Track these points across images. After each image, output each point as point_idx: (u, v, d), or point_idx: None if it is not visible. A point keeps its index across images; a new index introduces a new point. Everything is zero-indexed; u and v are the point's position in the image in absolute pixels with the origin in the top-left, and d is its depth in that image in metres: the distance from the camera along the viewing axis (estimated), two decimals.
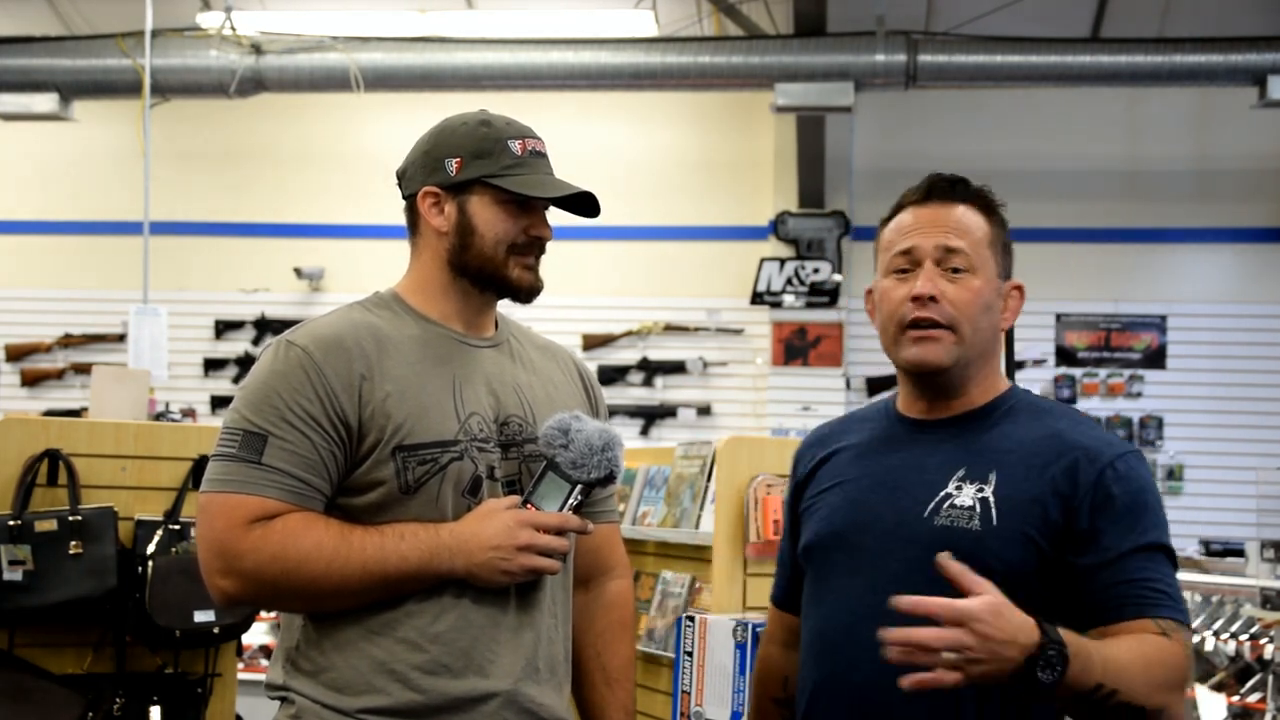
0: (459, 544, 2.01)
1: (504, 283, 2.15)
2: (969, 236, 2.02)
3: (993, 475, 1.94)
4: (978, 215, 2.06)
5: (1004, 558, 1.90)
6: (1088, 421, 2.04)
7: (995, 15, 8.00)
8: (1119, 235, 9.10)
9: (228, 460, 2.01)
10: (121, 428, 3.55)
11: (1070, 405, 2.17)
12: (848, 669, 1.97)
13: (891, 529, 1.98)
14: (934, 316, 1.99)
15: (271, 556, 1.98)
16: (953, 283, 2.00)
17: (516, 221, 2.13)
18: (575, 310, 9.10)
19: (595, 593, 2.32)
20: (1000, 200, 2.11)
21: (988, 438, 2.00)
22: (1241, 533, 7.40)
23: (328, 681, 2.03)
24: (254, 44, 8.01)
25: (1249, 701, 5.17)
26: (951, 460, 1.98)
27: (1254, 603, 5.30)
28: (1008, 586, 1.83)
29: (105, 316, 9.37)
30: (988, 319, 2.03)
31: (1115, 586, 1.88)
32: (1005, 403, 2.04)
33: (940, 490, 1.96)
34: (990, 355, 2.07)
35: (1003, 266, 2.06)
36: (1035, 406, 2.05)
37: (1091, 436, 1.97)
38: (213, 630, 3.39)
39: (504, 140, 2.13)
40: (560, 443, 2.07)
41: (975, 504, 1.93)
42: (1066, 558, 1.91)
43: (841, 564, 2.03)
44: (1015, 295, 2.08)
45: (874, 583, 1.95)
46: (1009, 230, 2.11)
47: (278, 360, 2.05)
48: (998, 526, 1.91)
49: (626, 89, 8.17)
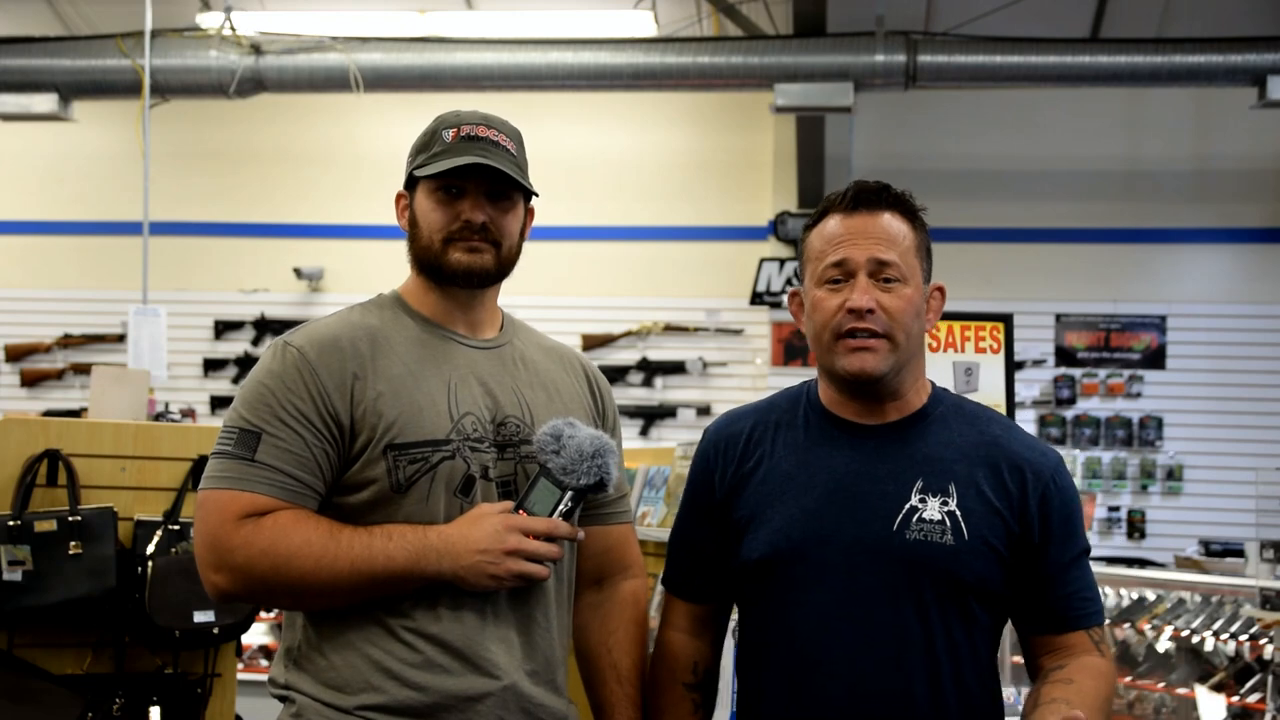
0: (447, 546, 2.02)
1: (442, 269, 2.15)
2: (898, 246, 2.06)
3: (952, 487, 2.01)
4: (902, 222, 2.09)
5: (975, 570, 1.99)
6: (1016, 427, 2.15)
7: (995, 15, 8.00)
8: (1118, 235, 9.09)
9: (224, 457, 2.05)
10: (121, 428, 3.56)
11: (987, 406, 2.20)
12: (825, 681, 1.99)
13: (855, 542, 2.00)
14: (872, 327, 2.03)
15: (261, 551, 2.00)
16: (887, 292, 2.04)
17: (448, 210, 2.14)
18: (575, 310, 9.10)
19: (608, 592, 2.32)
20: (920, 205, 2.14)
21: (930, 445, 2.06)
22: (1241, 533, 7.39)
23: (327, 680, 2.05)
24: (253, 44, 8.01)
25: (1248, 702, 5.17)
26: (903, 470, 2.03)
27: (1253, 603, 5.30)
28: (978, 598, 1.99)
29: (105, 317, 9.36)
30: (918, 324, 2.08)
31: (1057, 600, 2.05)
32: (936, 405, 2.11)
33: (903, 503, 2.01)
34: (919, 357, 2.13)
35: (925, 271, 2.11)
36: (962, 410, 2.13)
37: (1028, 446, 2.08)
38: (212, 630, 3.39)
39: (440, 130, 2.17)
40: (552, 448, 2.08)
41: (944, 518, 1.99)
42: (1019, 567, 2.03)
43: (805, 578, 2.03)
44: (937, 297, 2.14)
45: (845, 597, 1.99)
46: (929, 232, 2.14)
47: (274, 360, 2.09)
48: (969, 540, 1.98)
49: (626, 89, 8.16)
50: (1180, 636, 5.55)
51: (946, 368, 3.09)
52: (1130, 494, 8.90)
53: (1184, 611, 5.72)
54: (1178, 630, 5.57)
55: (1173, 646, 5.59)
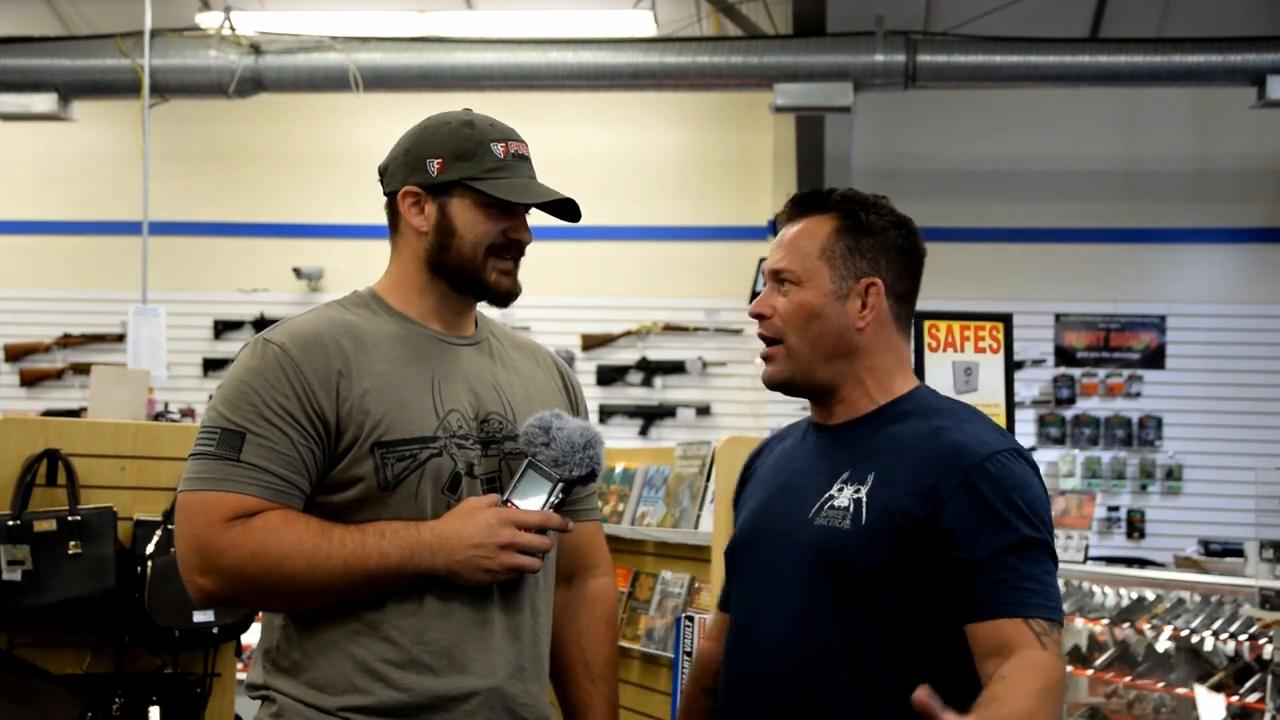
0: (440, 542, 2.01)
1: (481, 285, 2.15)
2: (800, 250, 2.08)
3: (870, 476, 1.99)
4: (821, 223, 2.09)
5: (867, 556, 1.95)
6: (978, 420, 2.05)
7: (994, 15, 8.00)
8: (1118, 235, 9.10)
9: (206, 458, 2.01)
10: (120, 428, 3.56)
11: (967, 405, 2.14)
12: (749, 664, 2.05)
13: (785, 531, 2.05)
14: (764, 331, 2.10)
15: (251, 554, 1.97)
16: (783, 296, 2.08)
17: (496, 224, 2.13)
18: (574, 310, 9.10)
19: (578, 590, 2.32)
20: (874, 198, 2.12)
21: (876, 440, 2.04)
22: (1240, 533, 7.40)
23: (309, 680, 2.03)
24: (253, 44, 8.01)
25: (1248, 702, 5.17)
26: (839, 463, 2.04)
27: (1253, 603, 5.29)
28: (879, 586, 1.95)
29: (104, 316, 9.36)
30: (821, 325, 2.06)
31: (987, 586, 1.90)
32: (899, 406, 2.07)
33: (826, 492, 2.02)
34: (859, 359, 2.08)
35: (848, 269, 2.07)
36: (930, 408, 2.07)
37: (969, 434, 1.99)
38: (212, 630, 3.39)
39: (487, 142, 2.13)
40: (541, 440, 2.07)
41: (850, 504, 1.98)
42: (936, 555, 1.93)
43: (747, 566, 2.12)
44: (872, 292, 2.07)
45: (770, 582, 2.05)
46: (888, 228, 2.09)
47: (255, 358, 2.05)
48: (865, 526, 1.96)
49: (625, 89, 8.17)
50: (1180, 636, 5.55)
51: (946, 367, 3.09)
52: (1130, 494, 8.90)
53: (1183, 611, 5.72)
54: (1177, 630, 5.57)
55: (1172, 646, 5.59)
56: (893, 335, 2.11)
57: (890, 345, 2.11)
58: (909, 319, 2.16)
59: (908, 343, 2.16)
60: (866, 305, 2.07)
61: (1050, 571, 1.94)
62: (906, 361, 2.15)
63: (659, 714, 3.47)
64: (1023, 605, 1.88)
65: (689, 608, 3.40)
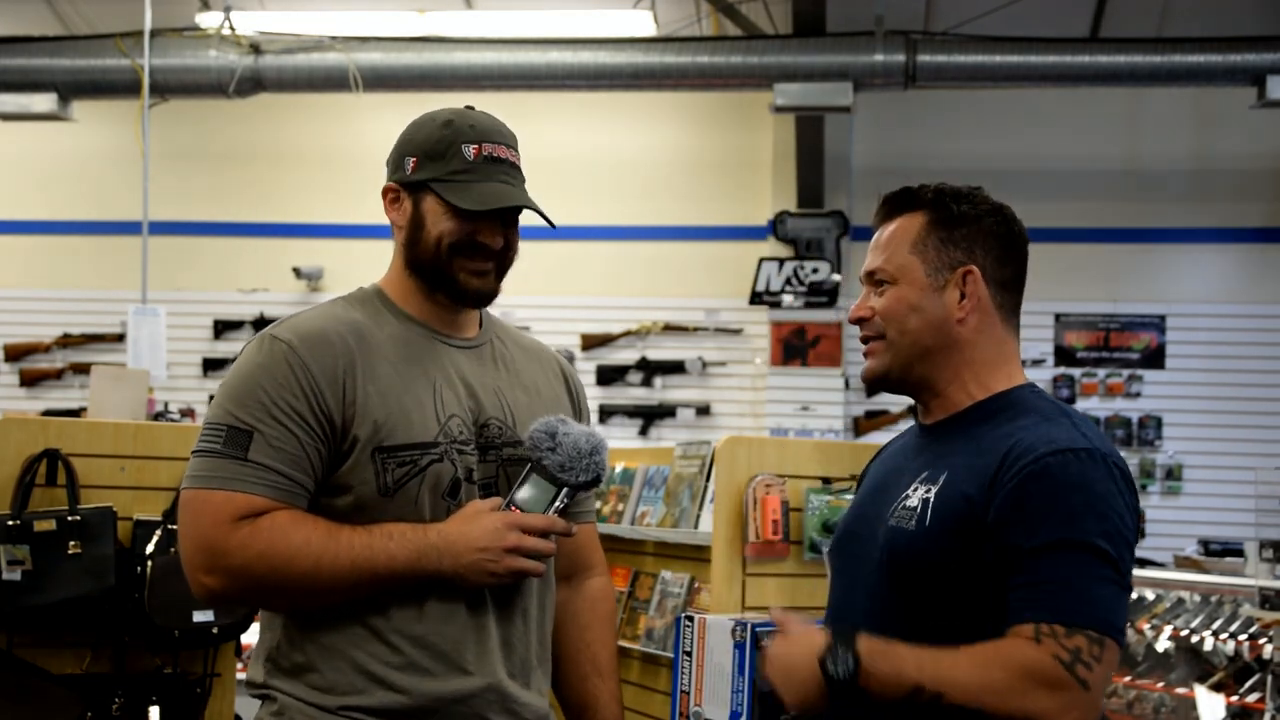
0: (446, 545, 2.01)
1: (450, 285, 2.13)
2: (887, 250, 2.07)
3: (943, 476, 1.96)
4: (913, 219, 2.06)
5: (930, 557, 1.93)
6: (1063, 421, 1.95)
7: (994, 15, 8.00)
8: (1118, 235, 9.10)
9: (213, 456, 2.00)
10: (120, 428, 3.55)
11: (1066, 408, 2.02)
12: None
13: (869, 533, 2.05)
14: (866, 332, 2.08)
15: (259, 554, 1.97)
16: (880, 297, 2.07)
17: (461, 225, 2.10)
18: (574, 310, 9.10)
19: (578, 589, 2.33)
20: (967, 189, 2.08)
21: (961, 440, 2.00)
22: (1240, 532, 7.39)
23: (310, 681, 2.04)
24: (253, 44, 8.01)
25: (1248, 701, 5.17)
26: (925, 465, 2.02)
27: (1253, 602, 5.30)
28: (931, 584, 1.93)
29: (104, 316, 9.36)
30: (920, 318, 2.02)
31: (1016, 590, 1.84)
32: (994, 404, 2.01)
33: (904, 492, 2.01)
34: (959, 351, 2.03)
35: (942, 261, 2.03)
36: (1024, 407, 1.99)
37: (1039, 433, 1.91)
38: (212, 630, 3.39)
39: (458, 144, 2.11)
40: (547, 445, 2.07)
41: (919, 504, 1.96)
42: (986, 555, 1.88)
43: (838, 566, 2.14)
44: (970, 280, 2.02)
45: (851, 583, 2.07)
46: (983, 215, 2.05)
47: (262, 354, 2.04)
48: (929, 527, 1.93)
49: (625, 89, 8.17)
50: (1179, 636, 5.54)
51: None
52: None
53: (1183, 611, 5.71)
54: (1177, 630, 5.57)
55: (1172, 646, 5.58)
56: (996, 325, 2.04)
57: (994, 337, 2.04)
58: (1015, 309, 2.08)
59: (1015, 335, 2.08)
60: (965, 294, 2.02)
61: (1097, 574, 1.83)
62: (1013, 356, 2.07)
63: (659, 714, 3.47)
64: (1039, 610, 1.82)
65: (689, 608, 3.40)
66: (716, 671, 2.88)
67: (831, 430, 8.88)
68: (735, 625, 2.80)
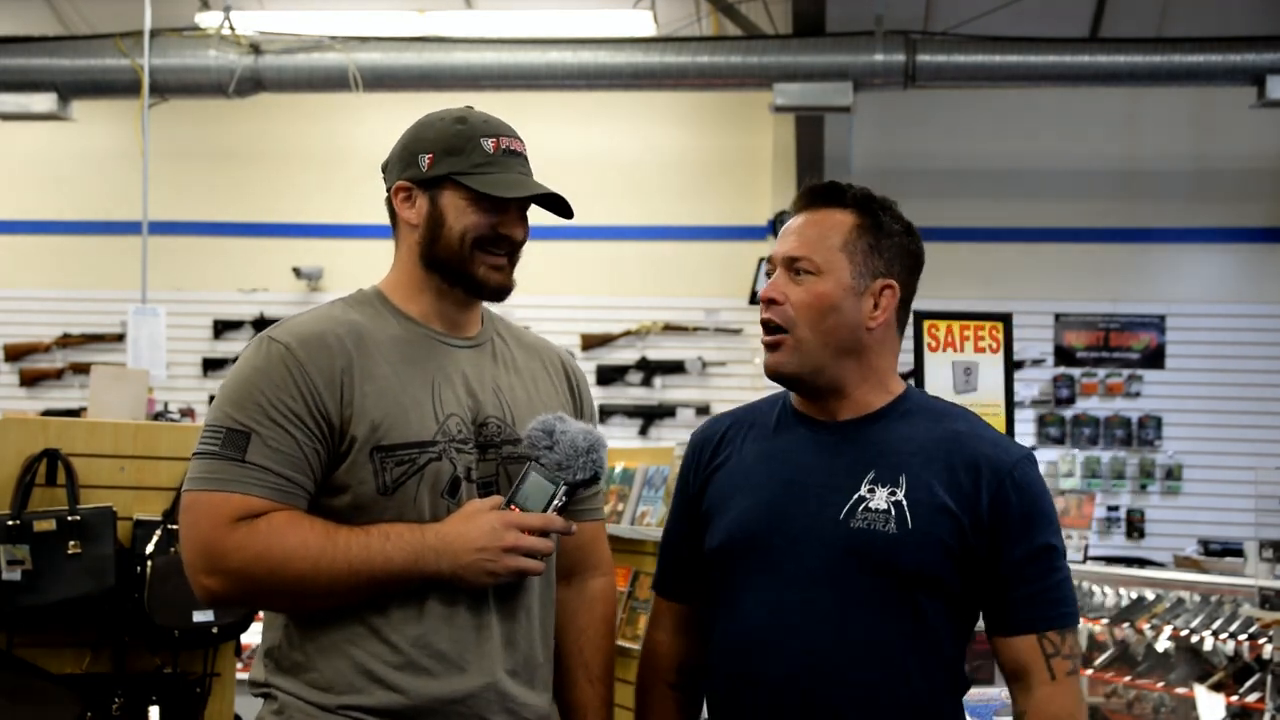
0: (444, 545, 2.01)
1: (470, 279, 2.14)
2: (822, 240, 2.06)
3: (902, 478, 2.01)
4: (841, 216, 2.08)
5: (918, 561, 1.97)
6: (981, 423, 2.11)
7: (994, 15, 8.00)
8: (1118, 235, 9.10)
9: (211, 458, 2.01)
10: (120, 428, 3.55)
11: (958, 405, 2.19)
12: (766, 664, 2.02)
13: (804, 531, 2.03)
14: (773, 318, 2.09)
15: (257, 555, 1.97)
16: (798, 285, 2.07)
17: (486, 218, 2.12)
18: (574, 310, 9.10)
19: (578, 589, 2.31)
20: (888, 201, 2.12)
21: (889, 440, 2.05)
22: (1240, 532, 7.40)
23: (310, 681, 2.04)
24: (252, 44, 8.01)
25: (1248, 701, 5.17)
26: (859, 463, 2.04)
27: (1252, 602, 5.30)
28: (924, 590, 1.97)
29: (104, 316, 9.36)
30: (836, 319, 2.05)
31: (1012, 600, 2.01)
32: (900, 405, 2.10)
33: (853, 493, 2.01)
34: (863, 357, 2.08)
35: (867, 267, 2.07)
36: (931, 409, 2.11)
37: (989, 442, 2.05)
38: (211, 630, 3.39)
39: (476, 138, 2.13)
40: (545, 444, 2.07)
41: (890, 507, 1.99)
42: (973, 561, 2.00)
43: (754, 564, 2.08)
44: (887, 294, 2.08)
45: (789, 581, 2.03)
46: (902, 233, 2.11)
47: (259, 357, 2.05)
48: (912, 530, 1.97)
49: (625, 89, 8.16)
50: (1179, 636, 5.55)
51: (946, 367, 3.09)
52: (1129, 493, 8.90)
53: (1183, 611, 5.72)
54: (1177, 630, 5.57)
55: (1172, 646, 5.59)
56: (894, 337, 2.13)
57: (891, 347, 2.13)
58: (906, 322, 2.18)
59: (900, 345, 2.18)
60: (879, 306, 2.08)
61: (1065, 571, 2.04)
62: (896, 363, 2.17)
63: None
64: (1037, 620, 2.00)
65: None
66: None
67: None
68: None
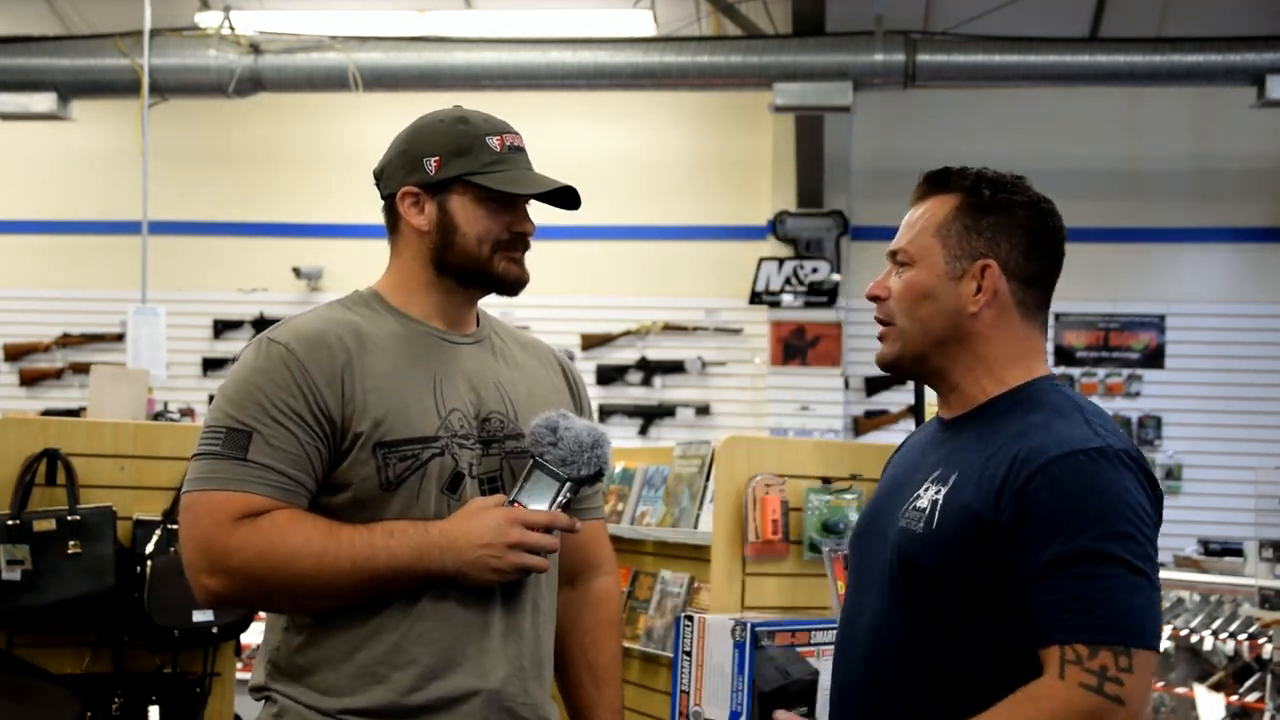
0: (449, 542, 2.00)
1: (490, 278, 2.14)
2: (913, 230, 1.98)
3: (953, 476, 1.87)
4: (945, 201, 1.98)
5: (935, 561, 1.84)
6: (1074, 416, 1.86)
7: (994, 15, 8.00)
8: (1118, 235, 9.10)
9: (212, 458, 2.00)
10: (120, 427, 3.55)
11: (1083, 402, 1.92)
12: (844, 664, 2.00)
13: (882, 530, 1.96)
14: (878, 315, 2.01)
15: (259, 554, 1.96)
16: (899, 278, 1.99)
17: (499, 218, 2.12)
18: (574, 310, 9.10)
19: (582, 590, 2.30)
20: (1006, 176, 2.02)
21: (974, 436, 1.91)
22: (1240, 532, 7.40)
23: (310, 684, 2.03)
24: (252, 44, 8.01)
25: (1247, 701, 5.17)
26: (938, 461, 1.94)
27: (1252, 602, 5.30)
28: (947, 593, 1.84)
29: (104, 316, 9.37)
30: (931, 306, 1.94)
31: (1030, 609, 1.76)
32: (1010, 398, 1.93)
33: (917, 491, 1.92)
34: (969, 344, 1.94)
35: (962, 249, 1.95)
36: (1039, 402, 1.90)
37: (1048, 434, 1.82)
38: (211, 630, 3.39)
39: (482, 137, 2.12)
40: (549, 440, 2.06)
41: (928, 505, 1.88)
42: (996, 563, 1.80)
43: (853, 563, 2.07)
44: (988, 274, 1.94)
45: (860, 582, 2.02)
46: (1015, 207, 2.00)
47: (259, 357, 2.04)
48: (935, 530, 1.85)
49: (625, 89, 8.17)
50: (1179, 636, 5.55)
51: None
52: None
53: (1183, 611, 5.72)
54: (1177, 629, 5.57)
55: (1172, 646, 5.59)
56: (1015, 321, 1.96)
57: (1011, 333, 1.96)
58: (1040, 305, 2.00)
59: (1039, 331, 2.00)
60: (981, 288, 1.94)
61: (1115, 582, 1.74)
62: (1033, 351, 1.98)
63: (659, 714, 3.47)
64: (1057, 630, 1.73)
65: (688, 607, 3.40)
66: (716, 671, 2.88)
67: (831, 430, 8.89)
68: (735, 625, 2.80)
